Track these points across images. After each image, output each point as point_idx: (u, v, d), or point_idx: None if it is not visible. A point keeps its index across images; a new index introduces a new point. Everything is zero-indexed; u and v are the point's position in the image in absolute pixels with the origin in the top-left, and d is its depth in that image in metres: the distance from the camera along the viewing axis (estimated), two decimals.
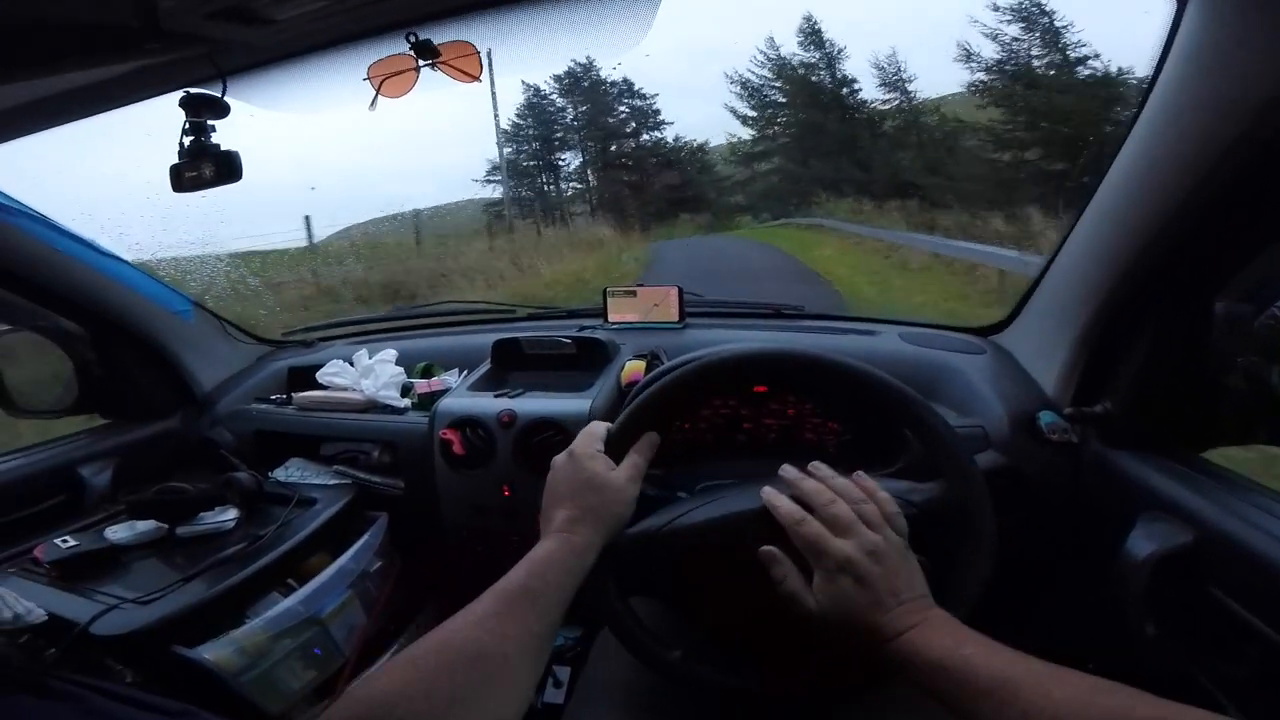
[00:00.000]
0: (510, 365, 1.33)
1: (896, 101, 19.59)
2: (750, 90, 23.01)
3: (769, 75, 22.56)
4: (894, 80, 19.51)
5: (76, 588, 0.90)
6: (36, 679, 0.47)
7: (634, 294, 1.44)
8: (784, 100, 22.74)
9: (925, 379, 1.07)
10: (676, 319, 1.41)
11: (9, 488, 1.07)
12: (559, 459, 0.70)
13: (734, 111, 23.52)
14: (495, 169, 22.42)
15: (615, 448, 0.70)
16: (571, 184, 24.63)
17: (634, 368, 1.18)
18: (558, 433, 1.09)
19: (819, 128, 21.23)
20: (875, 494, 0.63)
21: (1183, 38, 0.63)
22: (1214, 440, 0.79)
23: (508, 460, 1.11)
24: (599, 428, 0.72)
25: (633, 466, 0.68)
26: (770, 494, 0.64)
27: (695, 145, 24.39)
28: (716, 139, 23.33)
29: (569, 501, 0.65)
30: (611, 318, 1.44)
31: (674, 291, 1.41)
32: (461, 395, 1.22)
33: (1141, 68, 0.72)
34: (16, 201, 1.02)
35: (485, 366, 1.32)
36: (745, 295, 1.66)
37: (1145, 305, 0.79)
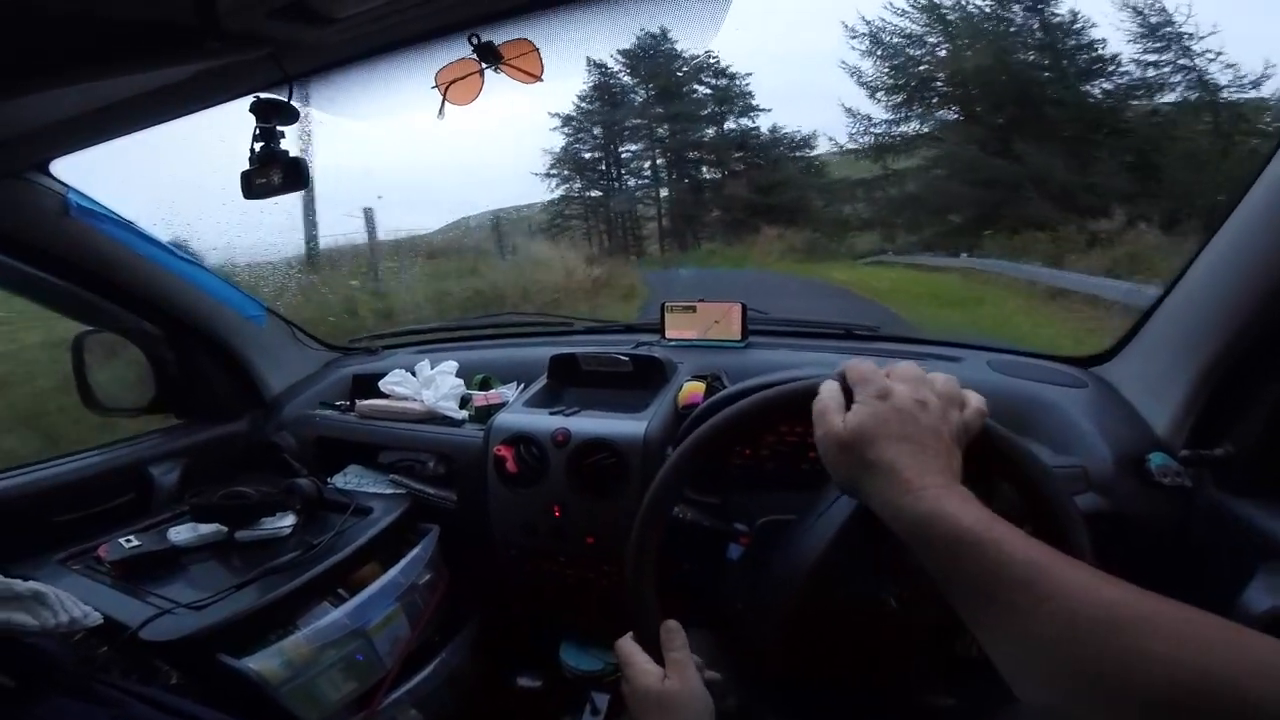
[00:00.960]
0: (566, 381, 1.29)
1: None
2: (885, 45, 13.93)
3: (917, 19, 13.39)
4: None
5: (134, 589, 0.91)
6: (82, 682, 0.46)
7: (694, 309, 1.38)
8: (943, 54, 13.24)
9: (1016, 412, 0.97)
10: (739, 337, 1.33)
11: (84, 484, 1.09)
12: (623, 687, 0.66)
13: (856, 76, 14.46)
14: (558, 165, 19.03)
15: (651, 649, 0.65)
16: (638, 182, 19.55)
17: (692, 389, 1.12)
18: (611, 455, 1.04)
19: (1006, 103, 12.08)
20: (969, 395, 0.56)
21: None
22: None
23: (560, 480, 1.07)
24: (625, 644, 0.67)
25: (675, 666, 0.63)
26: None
27: (799, 138, 17.28)
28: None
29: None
30: (669, 334, 1.38)
31: (737, 308, 1.34)
32: (517, 411, 1.19)
33: None
34: (101, 206, 1.05)
35: (541, 381, 1.29)
36: None
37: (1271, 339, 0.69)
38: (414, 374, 1.38)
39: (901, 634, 0.63)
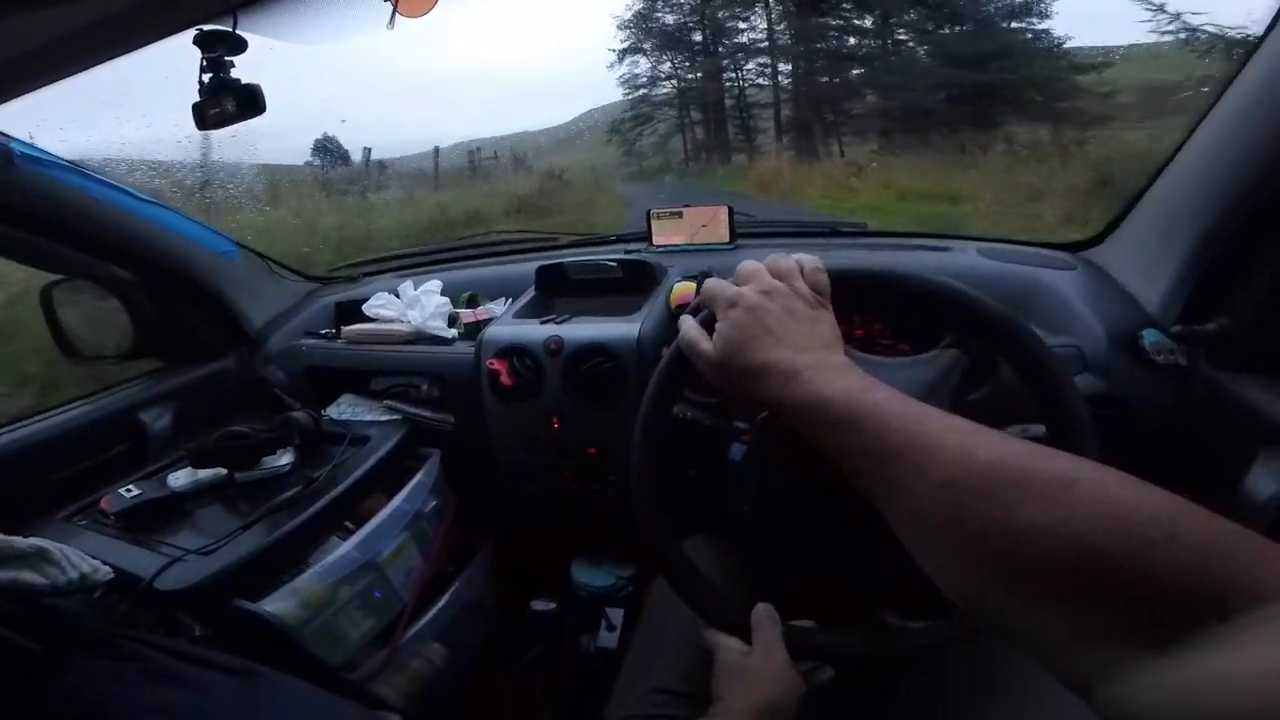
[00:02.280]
0: (555, 292, 1.26)
1: None
2: None
3: None
4: None
5: (141, 539, 0.90)
6: (107, 640, 0.46)
7: (680, 215, 1.33)
8: None
9: (1009, 296, 0.94)
10: (727, 239, 1.31)
11: (75, 436, 1.08)
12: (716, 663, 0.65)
13: None
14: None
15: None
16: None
17: (683, 289, 1.11)
18: (607, 359, 1.03)
19: None
20: (801, 259, 0.55)
21: None
22: None
23: (556, 390, 1.06)
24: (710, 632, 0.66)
25: (762, 644, 0.63)
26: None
27: None
28: None
29: (721, 692, 0.63)
30: (656, 241, 1.34)
31: (723, 210, 1.31)
32: (507, 323, 1.17)
33: None
34: (46, 152, 0.98)
35: (530, 294, 1.26)
36: None
37: (1268, 215, 0.69)
38: (398, 296, 1.35)
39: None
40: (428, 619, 1.05)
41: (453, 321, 1.28)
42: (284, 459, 1.04)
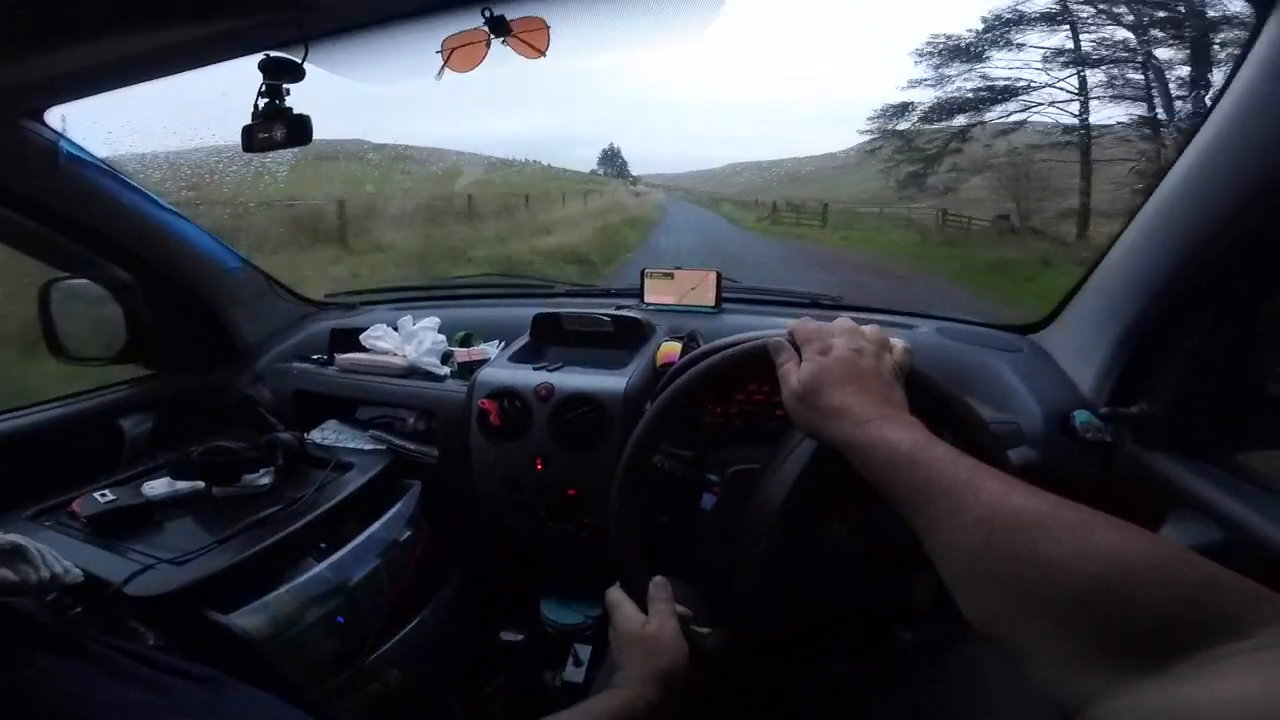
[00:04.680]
0: (549, 339, 1.31)
1: None
2: None
3: None
4: None
5: (112, 544, 0.88)
6: (71, 641, 0.47)
7: (671, 276, 1.41)
8: None
9: (962, 374, 1.05)
10: (713, 303, 1.39)
11: (50, 435, 1.07)
12: (609, 632, 0.75)
13: None
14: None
15: (635, 597, 0.74)
16: None
17: (669, 348, 1.18)
18: (593, 408, 1.07)
19: None
20: (895, 340, 0.66)
21: (1260, 48, 0.65)
22: (1253, 443, 0.81)
23: (543, 433, 1.09)
24: (614, 593, 0.76)
25: (657, 614, 0.72)
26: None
27: None
28: None
29: (620, 661, 0.71)
30: (648, 298, 1.42)
31: (712, 275, 1.39)
32: (502, 365, 1.20)
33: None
34: (89, 154, 1.02)
35: (524, 339, 1.30)
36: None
37: (1193, 309, 0.80)
38: (395, 329, 1.38)
39: (863, 573, 0.72)
40: (391, 645, 1.04)
41: (446, 359, 1.31)
42: (265, 478, 1.05)
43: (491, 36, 0.72)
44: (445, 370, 1.28)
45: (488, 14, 0.70)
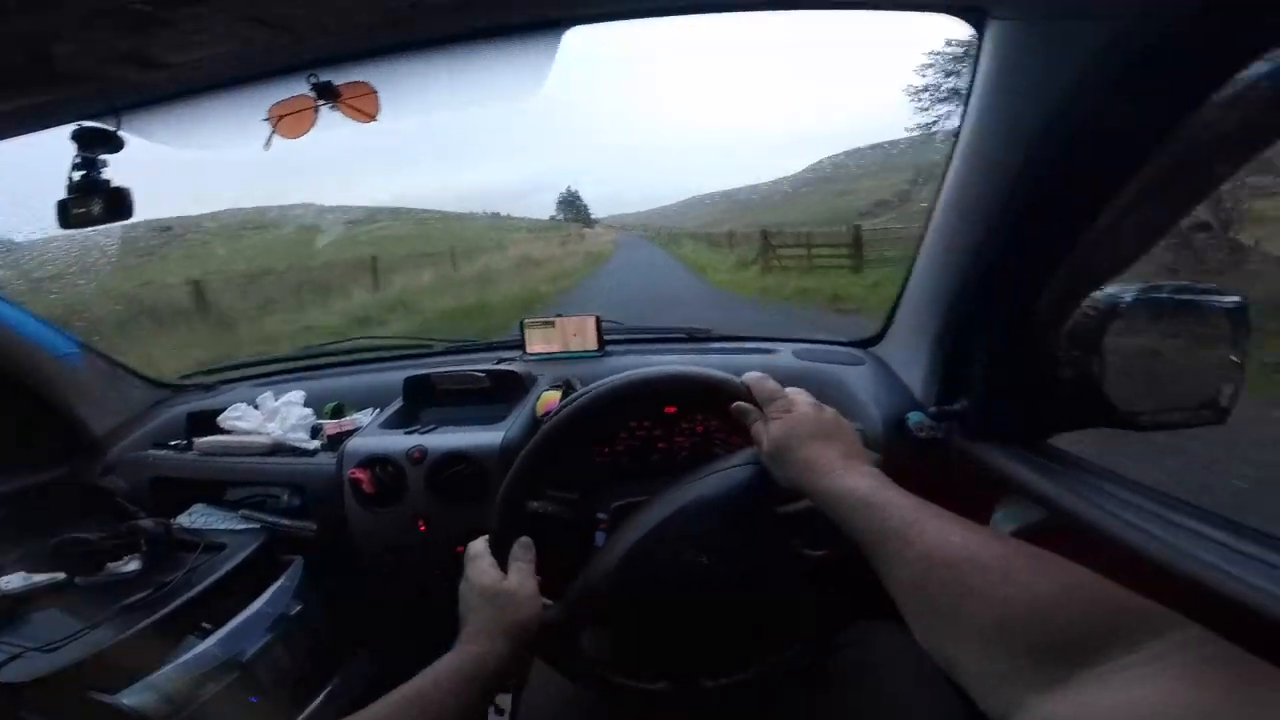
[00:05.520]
0: (424, 402, 1.43)
1: None
2: None
3: None
4: None
5: None
6: None
7: (552, 324, 1.55)
8: None
9: (815, 390, 1.20)
10: (595, 347, 1.52)
11: None
12: (459, 586, 0.81)
13: None
14: None
15: (501, 542, 0.82)
16: None
17: (549, 398, 1.26)
18: (470, 465, 1.18)
19: None
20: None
21: (982, 63, 0.78)
22: (1057, 427, 0.93)
23: (420, 496, 1.20)
24: (478, 545, 0.83)
25: (517, 572, 0.80)
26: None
27: None
28: None
29: (470, 616, 0.76)
30: (530, 349, 1.55)
31: (591, 320, 1.54)
32: (371, 434, 1.31)
33: None
34: None
35: (397, 404, 1.41)
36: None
37: (984, 311, 0.96)
38: (256, 407, 1.44)
39: (727, 599, 0.82)
40: (306, 715, 1.12)
41: (316, 433, 1.37)
42: (131, 564, 1.11)
43: (320, 102, 0.73)
44: (315, 444, 1.36)
45: (313, 80, 0.72)
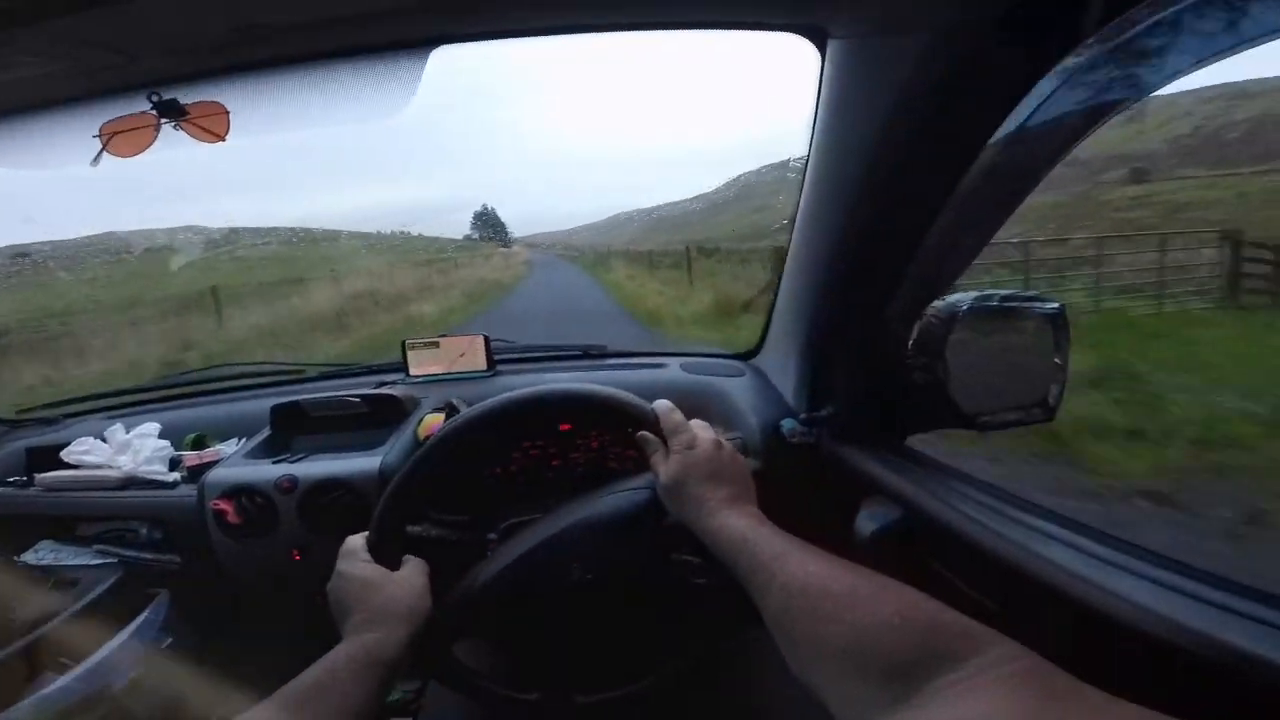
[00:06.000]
0: (295, 430, 1.45)
1: None
2: None
3: None
4: None
5: None
6: None
7: (437, 345, 1.59)
8: None
9: (699, 402, 1.37)
10: (485, 367, 1.58)
11: None
12: (330, 584, 0.83)
13: None
14: None
15: (379, 551, 0.84)
16: None
17: (432, 420, 1.30)
18: (347, 493, 1.21)
19: None
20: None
21: (825, 81, 0.88)
22: (912, 429, 1.06)
23: (294, 525, 1.23)
24: (355, 541, 0.86)
25: (409, 564, 0.83)
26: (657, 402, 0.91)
27: None
28: None
29: (355, 609, 0.77)
30: (414, 371, 1.60)
31: (480, 339, 1.61)
32: (235, 464, 1.33)
33: None
34: None
35: (264, 433, 1.43)
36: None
37: (842, 321, 1.09)
38: (104, 440, 1.41)
39: (600, 617, 0.89)
40: None
41: (175, 465, 1.36)
42: None
43: (161, 120, 0.74)
44: (175, 476, 1.35)
45: (155, 99, 0.72)
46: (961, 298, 0.96)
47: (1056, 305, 0.96)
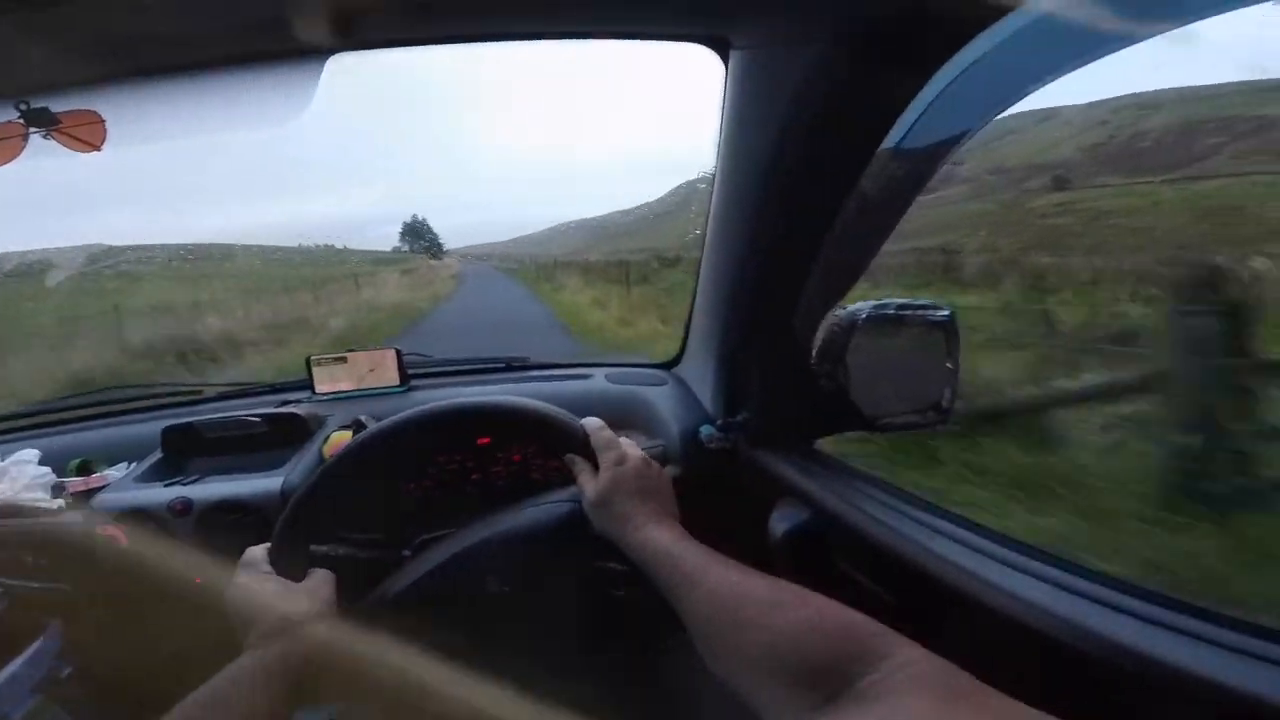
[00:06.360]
0: (190, 452, 1.40)
1: None
2: None
3: None
4: None
5: None
6: None
7: (344, 360, 1.56)
8: None
9: (623, 411, 1.39)
10: (397, 382, 1.55)
11: None
12: (229, 593, 0.83)
13: None
14: None
15: (279, 565, 0.84)
16: None
17: (340, 438, 1.27)
18: (247, 514, 1.18)
19: None
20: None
21: (729, 92, 0.92)
22: (820, 433, 1.09)
23: (190, 548, 1.12)
24: (256, 552, 0.87)
25: (315, 576, 0.83)
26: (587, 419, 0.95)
27: None
28: None
29: (260, 616, 0.77)
30: (320, 388, 1.55)
31: (391, 354, 1.58)
32: (125, 488, 1.28)
33: None
34: None
35: (155, 456, 1.38)
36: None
37: (753, 328, 1.10)
38: None
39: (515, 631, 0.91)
40: None
41: (59, 491, 1.27)
42: None
43: (30, 130, 0.72)
44: (58, 502, 1.26)
45: (24, 107, 0.71)
46: (860, 306, 1.00)
47: (947, 312, 1.03)
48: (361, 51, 0.87)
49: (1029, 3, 0.61)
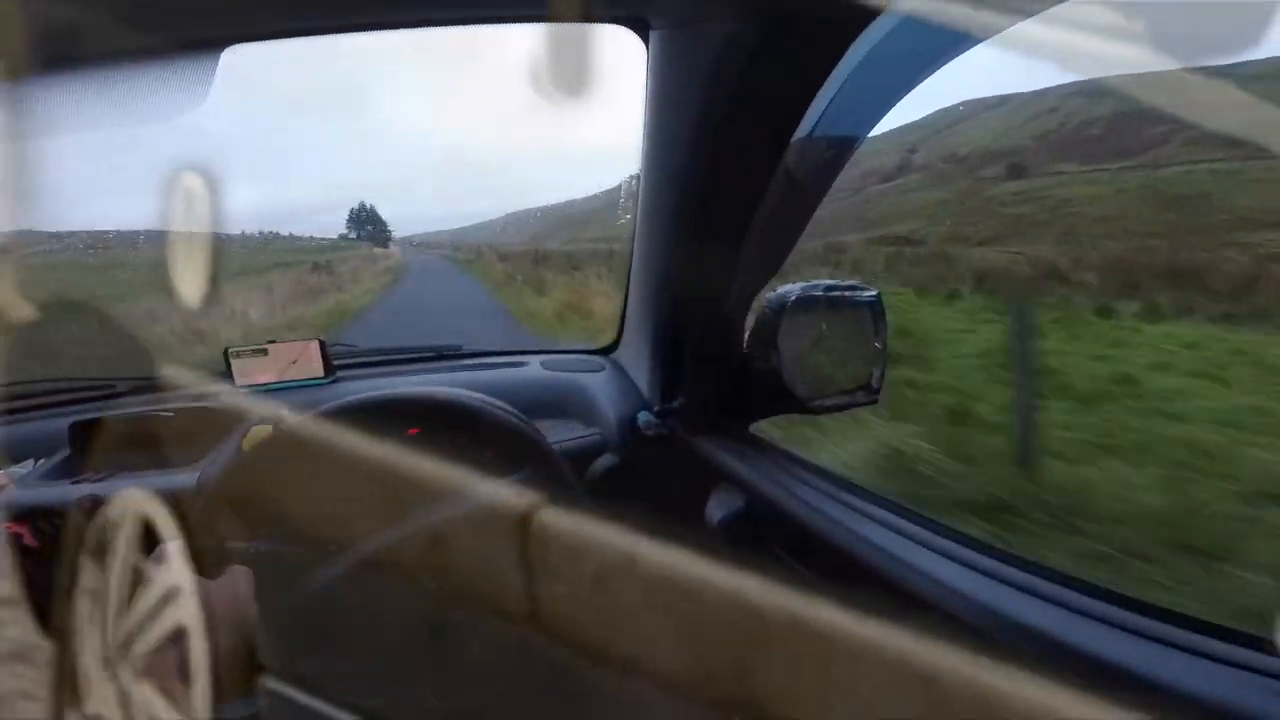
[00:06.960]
0: (100, 448, 1.34)
1: None
2: None
3: None
4: None
5: None
6: None
7: (265, 352, 1.53)
8: None
9: (558, 399, 1.41)
10: (321, 374, 1.54)
11: None
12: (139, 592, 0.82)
13: None
14: None
15: (194, 561, 0.84)
16: None
17: (261, 432, 1.25)
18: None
19: None
20: None
21: (649, 73, 0.95)
22: (754, 417, 1.15)
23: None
24: (168, 547, 0.84)
25: (232, 574, 0.85)
26: None
27: None
28: None
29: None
30: (239, 381, 1.52)
31: (314, 345, 1.56)
32: (27, 486, 1.25)
33: None
34: None
35: (63, 453, 1.34)
36: None
37: (685, 312, 1.13)
38: None
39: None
40: None
41: None
42: None
43: None
44: None
45: None
46: (790, 289, 1.04)
47: (873, 293, 1.09)
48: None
49: None
